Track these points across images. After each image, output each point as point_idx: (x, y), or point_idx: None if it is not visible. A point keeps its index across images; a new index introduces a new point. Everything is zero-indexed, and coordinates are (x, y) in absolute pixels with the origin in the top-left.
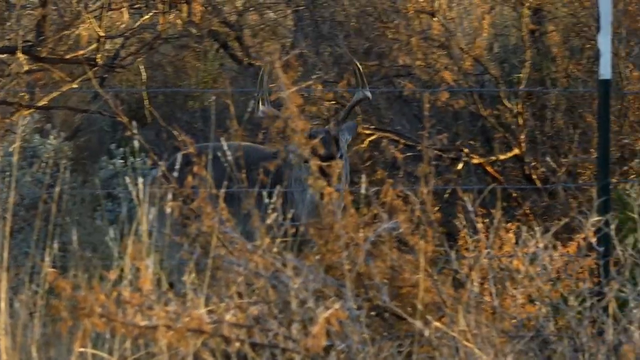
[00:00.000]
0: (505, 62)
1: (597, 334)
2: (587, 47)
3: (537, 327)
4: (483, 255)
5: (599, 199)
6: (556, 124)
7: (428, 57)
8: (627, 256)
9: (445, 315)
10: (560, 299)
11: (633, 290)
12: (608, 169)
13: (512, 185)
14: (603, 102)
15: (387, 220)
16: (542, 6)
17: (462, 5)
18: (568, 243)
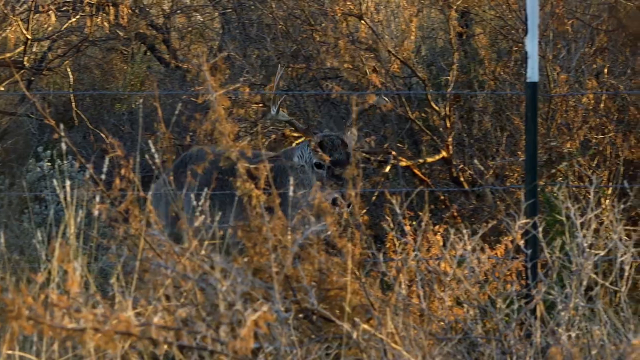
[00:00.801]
0: (433, 64)
1: (525, 336)
2: (515, 49)
3: (465, 330)
4: (411, 258)
5: (526, 201)
6: (484, 126)
7: (356, 60)
8: (554, 259)
9: (373, 317)
10: (488, 302)
11: (560, 292)
12: (535, 172)
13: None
14: (530, 104)
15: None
16: (470, 9)
17: (390, 8)
18: (496, 245)
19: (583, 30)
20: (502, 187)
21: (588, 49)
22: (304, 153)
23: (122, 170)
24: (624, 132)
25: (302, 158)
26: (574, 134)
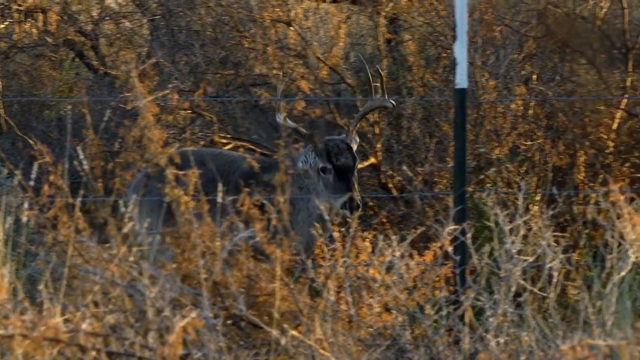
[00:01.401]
0: (362, 71)
1: (454, 342)
2: (444, 56)
3: (394, 336)
4: (339, 264)
5: (455, 207)
6: (412, 132)
7: (284, 67)
8: (483, 265)
9: (301, 323)
10: (417, 308)
11: (489, 298)
12: (464, 178)
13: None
14: (459, 111)
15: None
16: (398, 15)
17: (319, 14)
18: (424, 252)
19: (512, 37)
20: (431, 194)
21: (517, 56)
22: (308, 158)
23: (50, 176)
24: (552, 139)
25: (307, 163)
26: (502, 141)
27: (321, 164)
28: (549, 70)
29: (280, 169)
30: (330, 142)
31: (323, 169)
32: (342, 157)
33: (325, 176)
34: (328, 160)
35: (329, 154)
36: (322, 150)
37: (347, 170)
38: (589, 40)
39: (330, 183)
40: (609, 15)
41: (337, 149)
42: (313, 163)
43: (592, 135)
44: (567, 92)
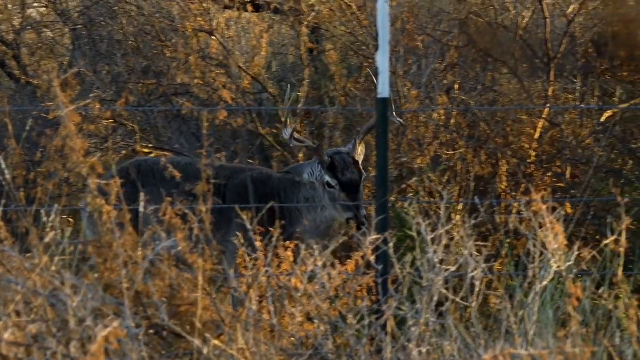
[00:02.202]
0: (284, 80)
1: (376, 352)
2: (366, 65)
3: (316, 346)
4: (262, 274)
5: (377, 217)
6: (334, 142)
7: (206, 76)
8: (405, 274)
9: (224, 333)
10: (339, 317)
11: (411, 308)
12: (386, 188)
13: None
14: (381, 120)
15: (166, 239)
16: (320, 25)
17: (241, 24)
18: (346, 261)
19: (434, 46)
20: (354, 203)
21: (439, 65)
22: (315, 171)
23: None
24: (474, 148)
25: (313, 175)
26: (424, 150)
27: (327, 178)
28: (471, 79)
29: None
30: (336, 157)
31: (329, 184)
32: (348, 172)
33: (331, 190)
34: (334, 175)
35: (335, 168)
36: (328, 164)
37: (352, 186)
38: (511, 50)
39: (335, 197)
40: (531, 24)
41: (343, 164)
42: (319, 176)
43: (514, 145)
44: (489, 101)
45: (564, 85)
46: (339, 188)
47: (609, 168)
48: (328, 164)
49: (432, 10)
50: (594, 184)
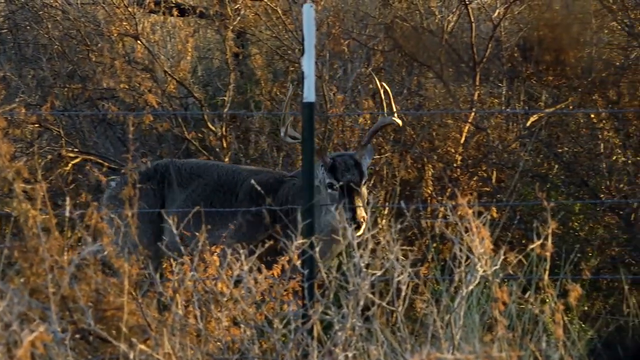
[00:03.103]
0: (209, 85)
1: (302, 356)
2: (291, 69)
3: (242, 350)
4: (188, 278)
5: (303, 221)
6: (260, 146)
7: (132, 80)
8: (331, 278)
9: (150, 337)
10: (265, 322)
11: (337, 312)
12: (312, 192)
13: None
14: (307, 125)
15: (91, 243)
16: (246, 29)
17: (166, 28)
18: (273, 265)
19: (360, 51)
20: (280, 208)
21: (364, 69)
22: (319, 173)
23: None
24: (400, 152)
25: (317, 178)
26: None
27: (328, 180)
28: (397, 84)
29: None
30: (338, 159)
31: (330, 185)
32: (347, 174)
33: (332, 192)
34: (334, 177)
35: (335, 170)
36: (329, 166)
37: (351, 187)
38: (436, 54)
39: (336, 199)
40: (457, 29)
41: (344, 165)
42: (322, 179)
43: (440, 149)
44: (415, 105)
45: (490, 90)
46: (338, 189)
47: (534, 172)
48: (329, 165)
49: (357, 14)
50: (519, 188)
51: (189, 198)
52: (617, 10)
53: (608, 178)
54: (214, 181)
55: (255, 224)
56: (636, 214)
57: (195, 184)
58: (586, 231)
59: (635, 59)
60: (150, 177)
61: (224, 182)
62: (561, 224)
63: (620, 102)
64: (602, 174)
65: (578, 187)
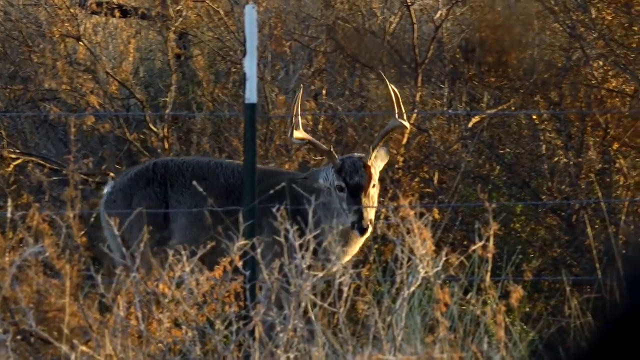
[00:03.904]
0: (151, 86)
1: (244, 357)
2: (233, 71)
3: (184, 351)
4: (129, 280)
5: (245, 222)
6: (202, 147)
7: (74, 81)
8: (273, 280)
9: (91, 339)
10: (207, 323)
11: (279, 314)
12: (254, 193)
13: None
14: (249, 126)
15: (33, 245)
16: (188, 30)
17: (108, 29)
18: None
19: (301, 52)
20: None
21: (306, 71)
22: (329, 175)
23: None
24: (342, 153)
25: (327, 180)
26: (292, 156)
27: (336, 182)
28: (339, 85)
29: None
30: (347, 160)
31: (339, 187)
32: (356, 176)
33: (341, 194)
34: (342, 179)
35: (344, 172)
36: (339, 168)
37: (359, 189)
38: (378, 55)
39: (344, 201)
40: (399, 30)
41: (352, 167)
42: (332, 180)
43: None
44: (357, 107)
45: (432, 91)
46: (347, 191)
47: (476, 174)
48: (338, 167)
49: (299, 15)
50: (461, 190)
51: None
52: (559, 12)
53: (550, 179)
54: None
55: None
56: (577, 216)
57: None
58: (528, 232)
59: (577, 60)
60: (148, 178)
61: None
62: (503, 225)
63: (562, 104)
64: (543, 176)
65: (520, 189)
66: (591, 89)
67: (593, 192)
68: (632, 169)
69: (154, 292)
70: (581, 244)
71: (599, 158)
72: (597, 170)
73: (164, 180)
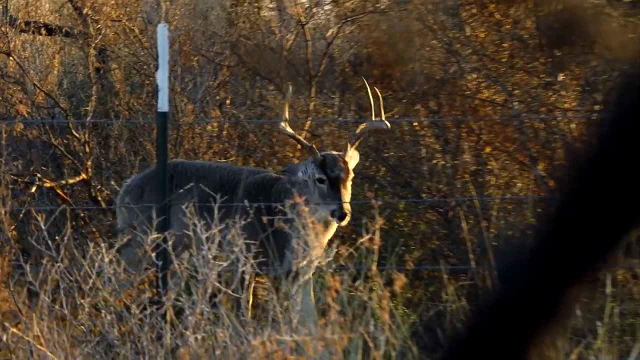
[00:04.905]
0: (74, 96)
1: (157, 338)
2: (147, 83)
3: (103, 333)
4: (55, 269)
5: (157, 217)
6: (119, 151)
7: (5, 92)
8: (182, 269)
9: (21, 322)
10: (124, 308)
11: (188, 299)
12: (166, 192)
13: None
14: (161, 132)
15: None
16: (106, 47)
17: (35, 45)
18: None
19: (208, 66)
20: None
21: (212, 82)
22: (308, 169)
23: None
24: (244, 157)
25: (306, 174)
26: (200, 158)
27: (317, 175)
28: (241, 95)
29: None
30: (328, 156)
31: (319, 179)
32: (336, 169)
33: (320, 186)
34: (324, 172)
35: (325, 165)
36: (320, 162)
37: (339, 181)
38: (276, 69)
39: (324, 192)
40: (295, 46)
41: (333, 162)
42: (311, 174)
43: (279, 154)
44: (257, 115)
45: (324, 101)
46: (327, 183)
47: (363, 174)
48: (320, 161)
49: (206, 33)
50: None
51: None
52: (438, 30)
53: (429, 179)
54: (216, 181)
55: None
56: (454, 212)
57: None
58: (410, 227)
59: (453, 73)
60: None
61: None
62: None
63: (440, 112)
64: (423, 176)
65: (403, 188)
66: (466, 99)
67: (468, 191)
68: (502, 170)
69: (77, 280)
70: (457, 237)
71: (473, 160)
72: (471, 172)
73: (171, 178)
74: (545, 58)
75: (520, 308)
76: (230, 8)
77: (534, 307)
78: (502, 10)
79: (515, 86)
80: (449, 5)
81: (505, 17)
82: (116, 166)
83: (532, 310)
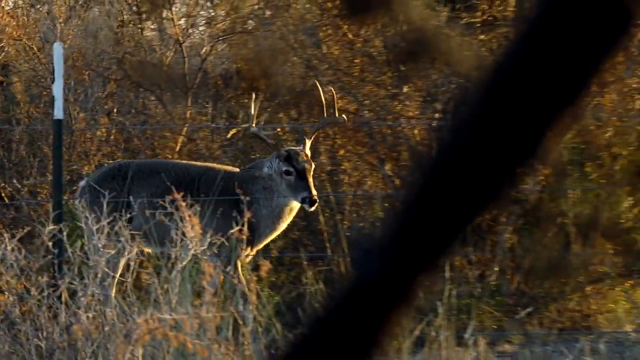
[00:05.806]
0: None
1: (53, 316)
2: (44, 94)
3: (6, 312)
4: None
5: (54, 212)
6: (20, 153)
7: None
8: (76, 256)
9: None
10: (24, 290)
11: (80, 282)
12: (61, 189)
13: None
14: (57, 137)
15: None
16: (9, 62)
17: None
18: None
19: (97, 79)
20: (35, 201)
21: (101, 94)
22: (273, 164)
23: None
24: (129, 159)
25: (271, 168)
26: (90, 160)
27: (284, 168)
28: (127, 105)
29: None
30: (291, 151)
31: (287, 172)
32: (302, 162)
33: (288, 177)
34: (290, 165)
35: (291, 159)
36: (285, 157)
37: (306, 172)
38: (157, 82)
39: (292, 183)
40: (173, 62)
41: (297, 155)
42: (277, 168)
43: (160, 155)
44: (141, 122)
45: (199, 109)
46: (295, 174)
47: None
48: (284, 156)
49: (96, 50)
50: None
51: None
52: (298, 48)
53: None
54: (171, 177)
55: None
56: None
57: (157, 180)
58: None
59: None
60: (114, 174)
61: (181, 178)
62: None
63: (299, 119)
64: None
65: None
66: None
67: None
68: (354, 170)
69: None
70: (315, 228)
71: (328, 161)
72: (327, 171)
73: (126, 175)
74: (392, 72)
75: (371, 291)
76: (117, 29)
77: (384, 290)
78: (354, 30)
79: (366, 97)
80: (308, 26)
81: (357, 36)
82: (17, 167)
83: (381, 293)
